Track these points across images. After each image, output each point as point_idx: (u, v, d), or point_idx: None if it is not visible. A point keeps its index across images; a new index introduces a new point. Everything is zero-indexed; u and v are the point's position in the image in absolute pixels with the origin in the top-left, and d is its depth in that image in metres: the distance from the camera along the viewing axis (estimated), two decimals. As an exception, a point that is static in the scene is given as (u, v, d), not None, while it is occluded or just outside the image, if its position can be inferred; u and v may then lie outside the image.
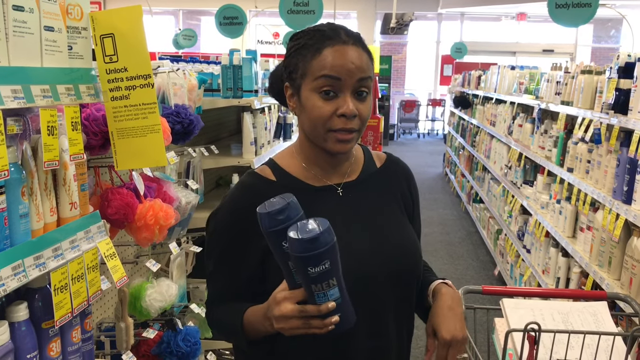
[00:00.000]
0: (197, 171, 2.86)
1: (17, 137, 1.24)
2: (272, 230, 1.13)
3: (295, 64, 1.34)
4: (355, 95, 1.31)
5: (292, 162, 1.43)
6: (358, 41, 1.34)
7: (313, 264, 1.10)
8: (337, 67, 1.29)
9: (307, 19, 6.41)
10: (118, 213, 1.75)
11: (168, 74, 2.31)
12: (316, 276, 1.11)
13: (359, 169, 1.48)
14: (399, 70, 18.39)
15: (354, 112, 1.29)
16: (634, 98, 2.73)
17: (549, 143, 4.28)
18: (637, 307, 1.78)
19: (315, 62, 1.30)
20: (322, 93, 1.30)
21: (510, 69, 6.62)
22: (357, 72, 1.30)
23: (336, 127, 1.30)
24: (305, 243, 1.08)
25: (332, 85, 1.29)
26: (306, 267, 1.10)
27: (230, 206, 1.41)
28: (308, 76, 1.31)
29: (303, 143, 1.42)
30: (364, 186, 1.46)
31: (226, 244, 1.40)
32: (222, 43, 11.67)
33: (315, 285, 1.12)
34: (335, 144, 1.33)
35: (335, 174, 1.43)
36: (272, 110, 3.83)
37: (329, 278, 1.12)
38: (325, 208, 1.37)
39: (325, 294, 1.13)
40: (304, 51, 1.32)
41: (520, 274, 4.83)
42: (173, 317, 2.25)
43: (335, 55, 1.29)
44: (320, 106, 1.30)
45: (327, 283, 1.12)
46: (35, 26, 1.26)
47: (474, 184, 7.70)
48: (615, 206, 2.78)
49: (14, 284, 1.17)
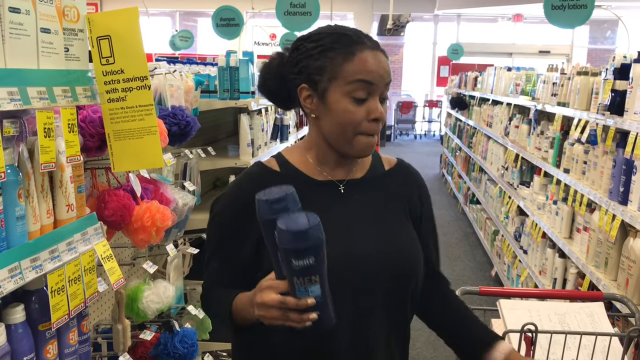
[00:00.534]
0: (194, 173, 2.86)
1: (14, 139, 1.24)
2: (267, 218, 1.14)
3: (319, 66, 1.33)
4: (380, 100, 1.35)
5: (300, 157, 1.45)
6: (378, 46, 1.38)
7: (297, 257, 1.11)
8: (372, 72, 1.31)
9: (303, 21, 6.41)
10: (115, 215, 1.75)
11: (165, 75, 2.31)
12: (299, 270, 1.12)
13: (365, 169, 1.48)
14: (396, 71, 18.41)
15: (384, 117, 1.35)
16: (629, 99, 2.74)
17: (545, 144, 4.29)
18: (634, 307, 1.78)
19: (348, 66, 1.31)
20: (354, 97, 1.32)
21: (507, 70, 6.63)
22: (386, 77, 1.34)
23: (367, 131, 1.34)
24: (292, 235, 1.09)
25: (366, 90, 1.32)
26: (290, 258, 1.11)
27: (232, 192, 1.45)
28: (339, 79, 1.32)
29: (317, 143, 1.42)
30: (368, 186, 1.46)
31: (225, 228, 1.42)
32: (218, 44, 11.68)
33: (297, 279, 1.13)
34: (363, 148, 1.36)
35: (340, 171, 1.44)
36: (269, 112, 3.83)
37: (311, 274, 1.13)
38: (325, 202, 1.39)
39: (306, 289, 1.14)
40: (331, 53, 1.32)
41: (517, 274, 4.83)
42: (170, 319, 2.25)
43: (370, 61, 1.32)
44: (353, 110, 1.32)
45: (309, 278, 1.13)
46: (31, 28, 1.26)
47: (470, 185, 7.71)
48: (612, 207, 2.79)
49: (11, 286, 1.17)
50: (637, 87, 2.66)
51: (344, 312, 1.30)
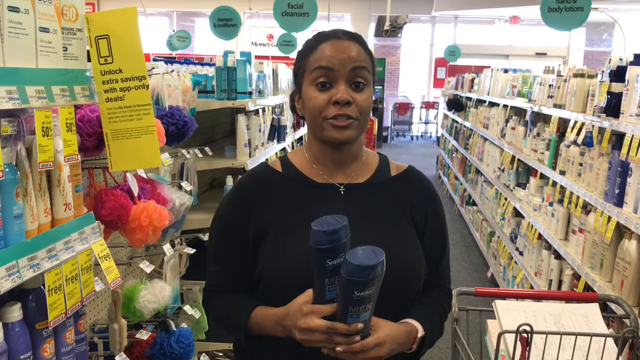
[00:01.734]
0: (191, 173, 2.86)
1: (11, 138, 1.24)
2: (322, 247, 1.19)
3: (297, 67, 1.42)
4: (351, 86, 1.35)
5: (302, 158, 1.48)
6: (354, 38, 1.39)
7: (361, 288, 1.17)
8: (329, 58, 1.34)
9: (301, 21, 6.41)
10: (112, 214, 1.75)
11: (162, 75, 2.31)
12: (358, 299, 1.18)
13: (369, 173, 1.48)
14: (393, 72, 18.43)
15: (346, 98, 1.33)
16: (625, 101, 2.76)
17: (541, 146, 4.30)
18: (628, 308, 1.79)
19: (311, 57, 1.37)
20: (318, 85, 1.35)
21: (504, 72, 6.64)
22: (349, 62, 1.34)
23: (331, 115, 1.34)
24: (363, 270, 1.15)
25: (326, 76, 1.35)
26: (353, 290, 1.17)
27: (235, 188, 1.50)
28: (306, 72, 1.38)
29: (310, 141, 1.47)
30: (370, 191, 1.45)
31: (225, 224, 1.46)
32: (216, 45, 11.66)
33: (353, 307, 1.19)
34: (332, 132, 1.36)
35: (340, 174, 1.45)
36: (267, 112, 3.84)
37: (367, 303, 1.19)
38: (324, 204, 1.40)
39: (358, 315, 1.20)
40: (303, 51, 1.40)
41: (512, 276, 4.84)
42: (166, 319, 2.25)
43: (329, 48, 1.36)
44: (316, 96, 1.35)
45: (364, 307, 1.20)
46: (30, 27, 1.26)
47: (467, 187, 7.72)
48: (607, 209, 2.80)
49: (8, 284, 1.17)
50: (633, 89, 2.68)
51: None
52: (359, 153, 1.48)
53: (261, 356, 1.44)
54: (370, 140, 9.30)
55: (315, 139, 1.44)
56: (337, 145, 1.41)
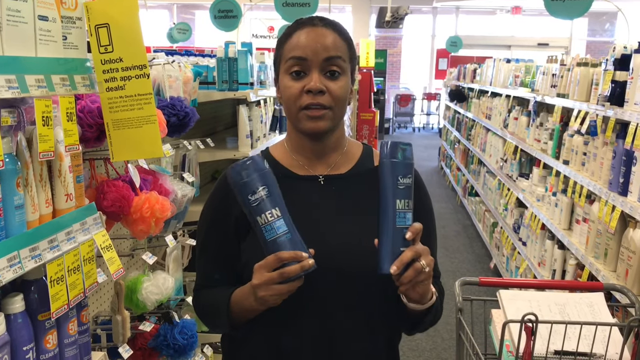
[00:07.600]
0: (192, 164, 2.85)
1: (12, 128, 1.23)
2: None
3: (275, 55, 1.41)
4: (326, 74, 1.34)
5: (282, 151, 1.47)
6: (330, 25, 1.37)
7: (250, 190, 1.19)
8: (304, 48, 1.33)
9: (302, 12, 6.38)
10: (114, 205, 1.74)
11: (163, 66, 2.30)
12: (257, 205, 1.19)
13: (351, 164, 1.45)
14: (394, 64, 18.37)
15: (319, 87, 1.32)
16: (630, 90, 2.74)
17: (544, 136, 4.28)
18: (633, 297, 1.78)
19: (286, 46, 1.36)
20: (292, 74, 1.34)
21: (506, 62, 6.62)
22: (323, 51, 1.33)
23: (304, 104, 1.33)
24: (239, 168, 1.20)
25: (300, 65, 1.34)
26: (246, 196, 1.19)
27: (216, 183, 1.50)
28: (282, 61, 1.37)
29: (290, 132, 1.47)
30: (351, 181, 1.43)
31: (212, 218, 1.46)
32: (216, 37, 11.62)
33: (260, 217, 1.19)
34: (307, 122, 1.35)
35: (321, 165, 1.43)
36: (268, 103, 3.82)
37: (271, 207, 1.19)
38: (304, 196, 1.39)
39: (271, 226, 1.20)
40: (280, 39, 1.39)
41: (516, 266, 4.84)
42: (169, 310, 2.24)
43: (302, 37, 1.34)
44: (290, 85, 1.34)
45: (270, 213, 1.19)
46: (29, 15, 1.24)
47: (469, 178, 7.71)
48: (611, 198, 2.78)
49: (10, 275, 1.16)
50: (638, 77, 2.66)
51: (320, 308, 1.33)
52: (339, 143, 1.45)
53: (247, 346, 1.43)
54: (372, 132, 9.28)
55: (294, 131, 1.43)
56: (314, 136, 1.39)
